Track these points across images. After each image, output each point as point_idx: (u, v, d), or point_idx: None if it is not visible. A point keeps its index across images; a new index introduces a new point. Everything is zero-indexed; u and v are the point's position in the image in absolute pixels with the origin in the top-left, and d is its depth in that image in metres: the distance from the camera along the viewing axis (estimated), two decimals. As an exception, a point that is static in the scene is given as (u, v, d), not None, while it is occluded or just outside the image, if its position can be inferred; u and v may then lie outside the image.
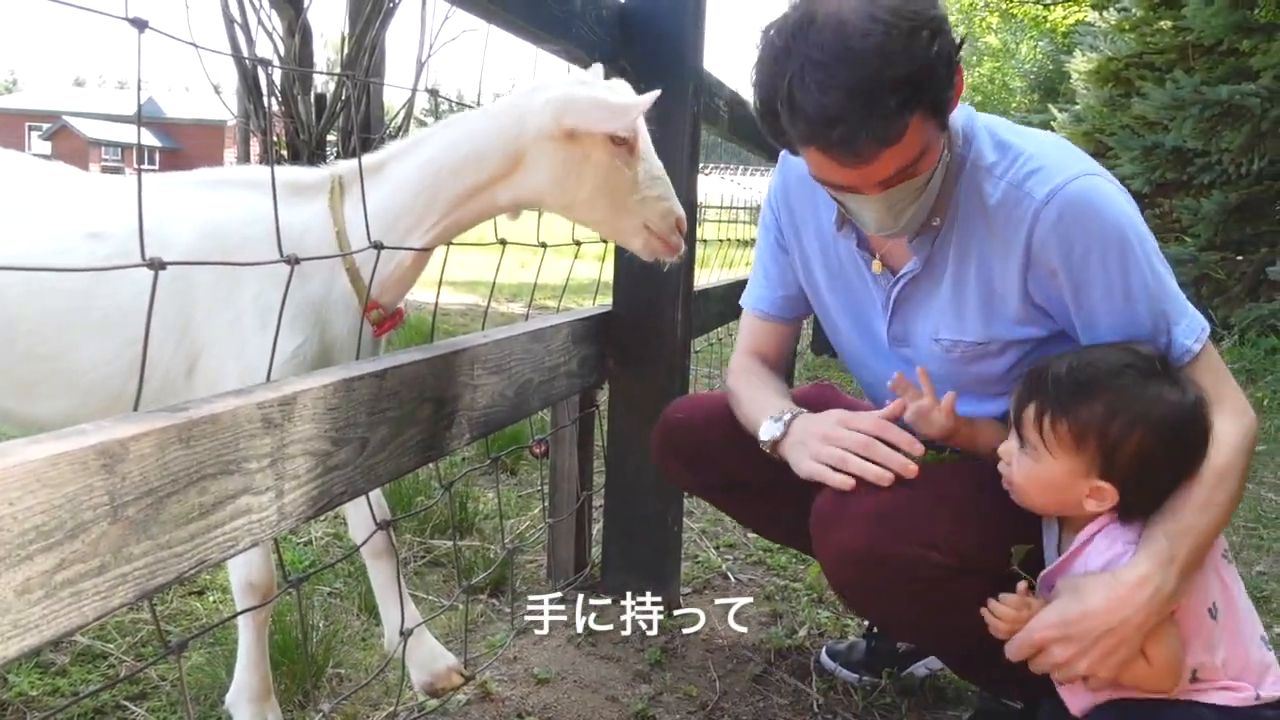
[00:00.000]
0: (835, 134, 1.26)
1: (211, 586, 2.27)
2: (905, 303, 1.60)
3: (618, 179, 1.56)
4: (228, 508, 1.03)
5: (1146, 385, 1.27)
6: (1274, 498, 3.54)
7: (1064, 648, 1.27)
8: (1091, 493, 1.30)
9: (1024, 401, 1.33)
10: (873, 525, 1.44)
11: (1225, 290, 7.09)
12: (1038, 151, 1.45)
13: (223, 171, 1.73)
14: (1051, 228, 1.39)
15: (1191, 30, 7.52)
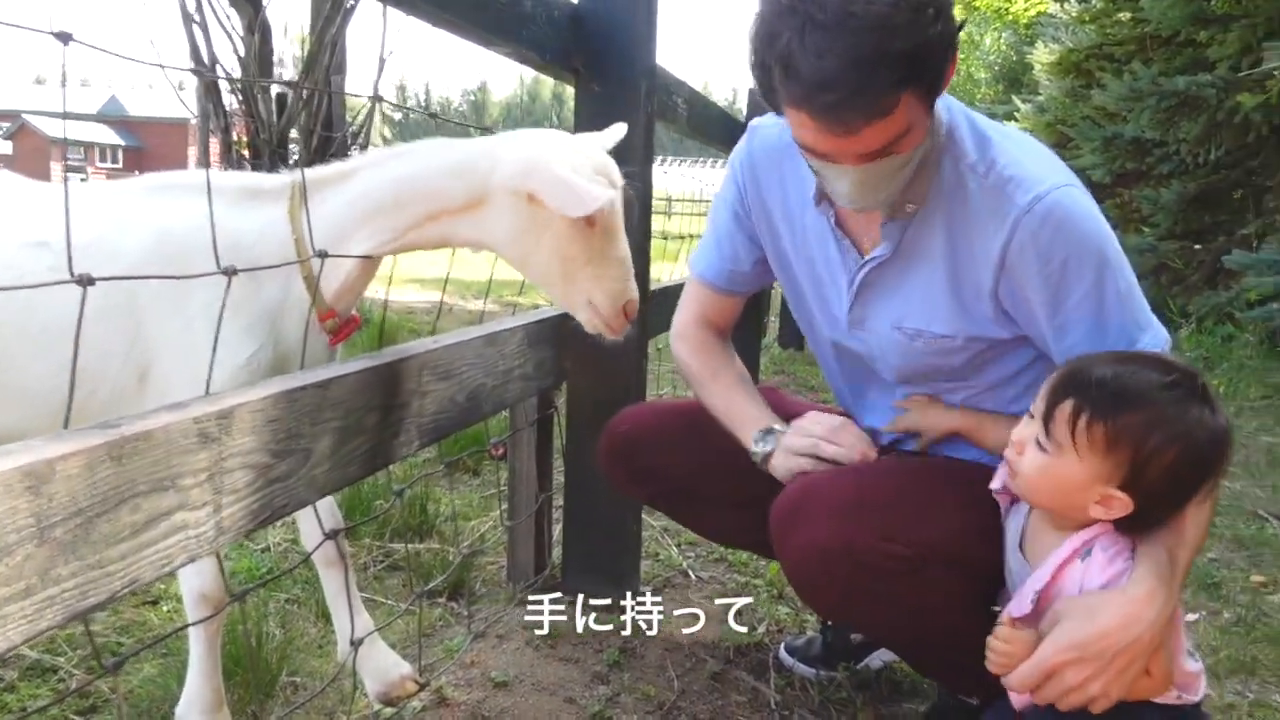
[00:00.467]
0: (825, 100, 1.25)
1: (166, 596, 2.25)
2: (870, 287, 1.59)
3: (574, 251, 1.53)
4: (161, 525, 1.02)
5: (1189, 406, 1.25)
6: (1227, 485, 3.59)
7: (1079, 670, 1.23)
8: (1103, 500, 1.28)
9: (1060, 397, 1.29)
10: (834, 520, 1.45)
11: (1183, 279, 7.17)
12: (1018, 156, 1.46)
13: (176, 176, 1.71)
14: (1031, 237, 1.40)
15: (1149, 21, 7.59)
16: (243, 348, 1.53)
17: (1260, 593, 2.62)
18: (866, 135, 1.29)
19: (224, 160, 6.50)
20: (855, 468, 1.57)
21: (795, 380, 5.21)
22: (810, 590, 1.56)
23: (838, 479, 1.52)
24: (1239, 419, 4.69)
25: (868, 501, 1.47)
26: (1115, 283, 1.42)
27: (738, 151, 1.76)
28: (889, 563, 1.44)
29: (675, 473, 1.76)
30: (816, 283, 1.69)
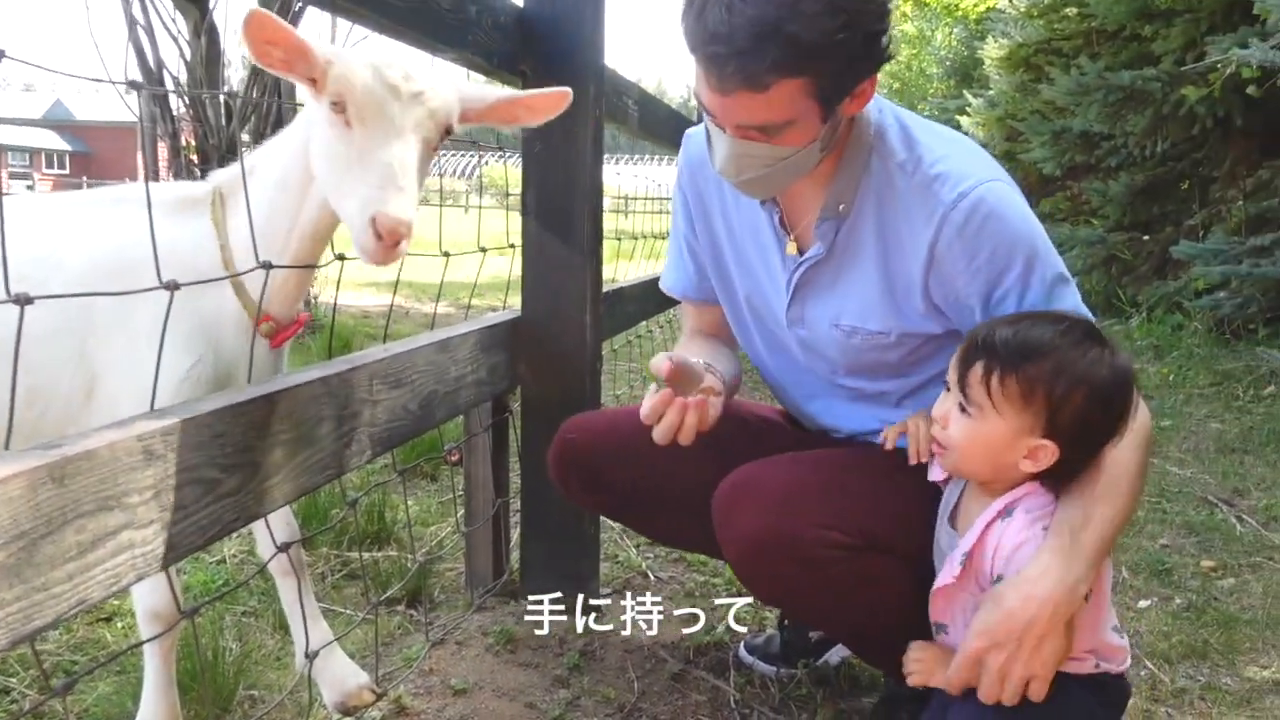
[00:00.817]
0: (711, 50, 1.30)
1: (120, 613, 2.23)
2: (806, 286, 1.63)
3: (334, 150, 1.37)
4: (108, 544, 1.02)
5: (1088, 348, 1.32)
6: (1178, 472, 3.66)
7: (997, 655, 1.29)
8: (1030, 453, 1.33)
9: (970, 362, 1.34)
10: (773, 509, 1.47)
11: (1133, 269, 7.28)
12: (945, 153, 1.49)
13: (118, 190, 1.69)
14: (958, 231, 1.44)
15: (1095, 16, 7.71)
16: (182, 361, 1.51)
17: (1210, 578, 2.67)
18: (739, 103, 1.34)
19: (172, 165, 6.41)
20: (795, 457, 1.60)
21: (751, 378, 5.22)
22: (753, 579, 1.57)
23: (777, 468, 1.54)
24: (1189, 406, 4.78)
25: (806, 490, 1.49)
26: (1042, 272, 1.46)
27: (678, 162, 1.80)
28: (828, 550, 1.46)
29: (627, 479, 1.77)
30: (755, 282, 1.72)
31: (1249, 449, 4.00)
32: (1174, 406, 4.76)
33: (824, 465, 1.57)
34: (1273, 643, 2.27)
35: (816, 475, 1.52)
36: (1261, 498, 3.36)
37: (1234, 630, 2.32)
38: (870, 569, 1.48)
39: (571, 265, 2.25)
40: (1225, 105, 6.08)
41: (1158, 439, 4.15)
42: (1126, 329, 6.70)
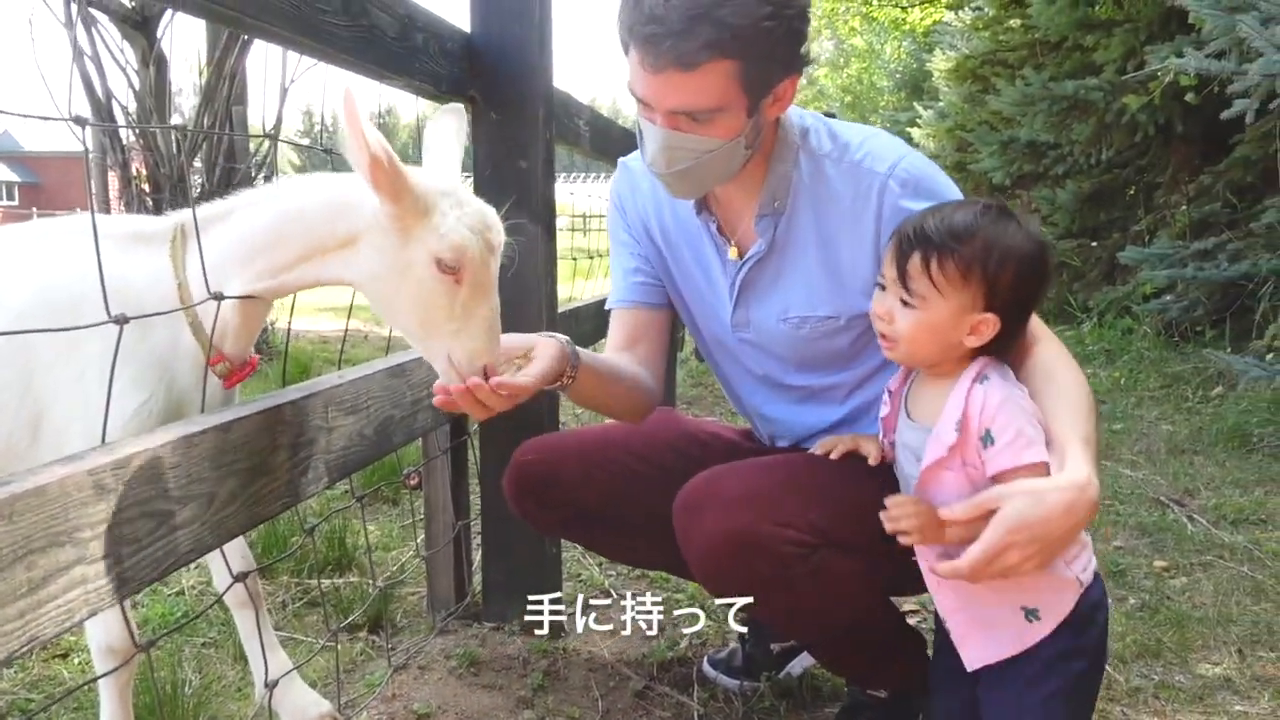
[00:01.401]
0: (647, 30, 1.37)
1: (76, 649, 2.20)
2: (750, 287, 1.67)
3: (437, 302, 1.44)
4: (60, 580, 1.01)
5: (1006, 224, 1.41)
6: (1130, 474, 3.72)
7: (1022, 551, 1.27)
8: (974, 328, 1.40)
9: (906, 254, 1.41)
10: (733, 509, 1.49)
11: (1083, 275, 7.41)
12: (865, 138, 1.62)
13: (70, 221, 1.68)
14: (896, 198, 1.55)
15: (1039, 28, 7.86)
16: (131, 398, 1.50)
17: (1163, 577, 2.72)
18: (673, 83, 1.40)
19: (123, 196, 6.35)
20: (754, 461, 1.63)
21: (713, 393, 5.26)
22: (715, 580, 1.58)
23: (736, 471, 1.57)
24: (1139, 409, 4.87)
25: (765, 490, 1.52)
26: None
27: (613, 184, 1.84)
28: (788, 548, 1.48)
29: (585, 501, 1.77)
30: (699, 292, 1.76)
31: (1198, 449, 4.08)
32: (1125, 409, 4.84)
33: (782, 467, 1.60)
34: (1224, 639, 2.31)
35: (775, 476, 1.56)
36: (1211, 497, 3.43)
37: (1186, 628, 2.36)
38: (830, 566, 1.51)
39: (526, 286, 2.26)
40: (1166, 113, 6.22)
41: (1110, 442, 4.23)
42: (1078, 334, 6.81)
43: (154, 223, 1.60)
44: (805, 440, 1.77)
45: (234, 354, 1.60)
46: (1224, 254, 5.58)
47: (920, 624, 2.37)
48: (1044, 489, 1.29)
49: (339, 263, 1.50)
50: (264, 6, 1.44)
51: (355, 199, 1.47)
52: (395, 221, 1.41)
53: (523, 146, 2.24)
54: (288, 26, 1.50)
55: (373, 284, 1.48)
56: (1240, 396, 4.66)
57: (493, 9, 2.21)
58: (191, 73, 7.20)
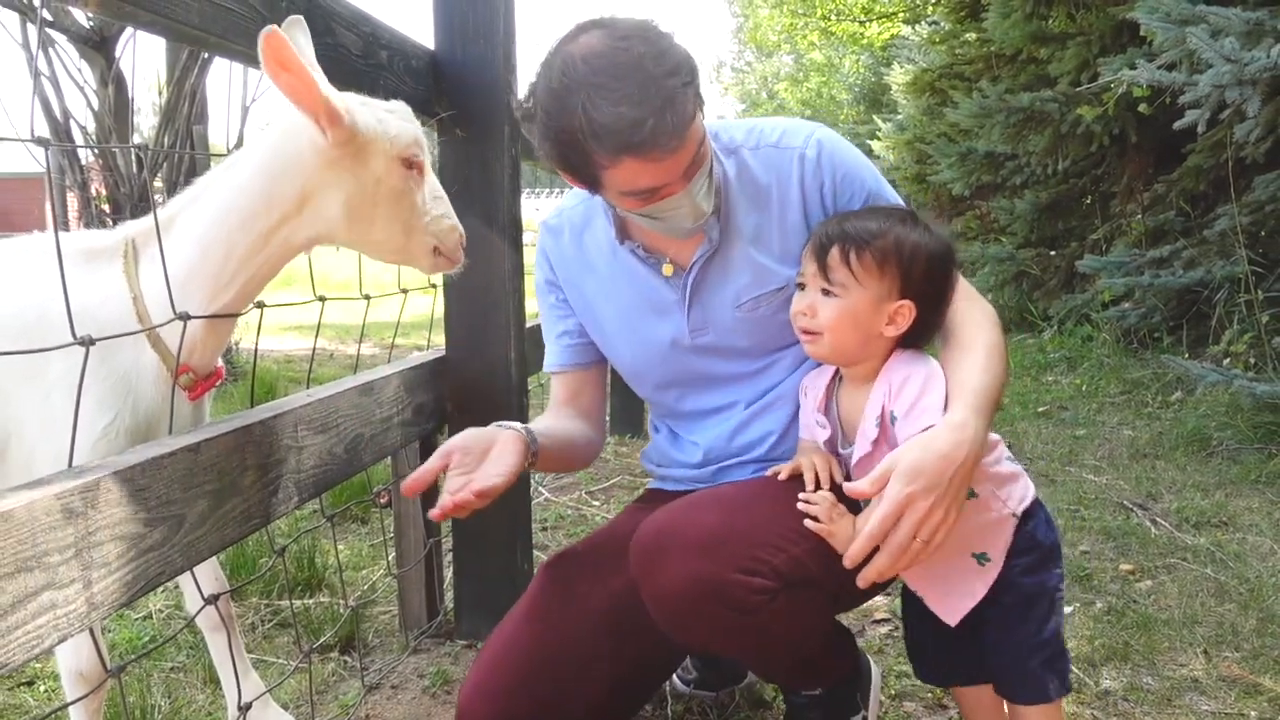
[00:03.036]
0: (642, 135, 1.36)
1: (42, 675, 2.17)
2: (700, 288, 1.69)
3: (409, 201, 1.56)
4: (29, 606, 1.00)
5: (913, 224, 1.54)
6: (1094, 479, 3.77)
7: (924, 499, 1.34)
8: (892, 316, 1.50)
9: (825, 249, 1.52)
10: (694, 559, 1.45)
11: (1043, 284, 7.50)
12: (774, 123, 1.72)
13: (21, 241, 1.66)
14: (815, 165, 1.65)
15: (994, 41, 7.97)
16: (98, 418, 1.48)
17: (1129, 580, 2.76)
18: (684, 148, 1.43)
19: (83, 216, 6.28)
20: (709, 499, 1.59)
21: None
22: (680, 629, 1.53)
23: (692, 514, 1.53)
24: (1101, 415, 4.93)
25: (725, 535, 1.47)
26: (891, 193, 1.69)
27: (538, 246, 1.85)
28: (754, 596, 1.45)
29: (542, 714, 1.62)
30: (642, 319, 1.75)
31: (1159, 454, 4.14)
32: (1088, 415, 4.91)
33: (740, 505, 1.56)
34: (1190, 641, 2.35)
35: (733, 517, 1.51)
36: (1173, 500, 3.48)
37: (1153, 631, 2.39)
38: (793, 605, 1.49)
39: (494, 301, 2.26)
40: (1120, 123, 6.32)
41: (1073, 448, 4.28)
42: (1040, 342, 6.89)
43: (103, 237, 1.58)
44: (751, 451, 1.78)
45: (200, 364, 1.58)
46: (1179, 261, 5.67)
47: (893, 632, 2.38)
48: (928, 438, 1.39)
49: (302, 226, 1.52)
50: (229, 25, 1.43)
51: (288, 151, 1.49)
52: (346, 148, 1.46)
53: (489, 163, 2.25)
54: (254, 45, 1.50)
55: (348, 219, 1.53)
56: (1199, 401, 4.73)
57: (457, 27, 2.21)
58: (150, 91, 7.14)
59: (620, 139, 1.37)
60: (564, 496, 3.68)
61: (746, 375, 1.75)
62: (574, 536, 3.19)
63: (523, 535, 2.39)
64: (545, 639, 1.60)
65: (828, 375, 1.62)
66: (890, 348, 1.54)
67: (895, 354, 1.53)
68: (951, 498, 1.37)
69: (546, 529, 3.28)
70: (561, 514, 3.45)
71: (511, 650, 1.60)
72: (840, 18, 17.87)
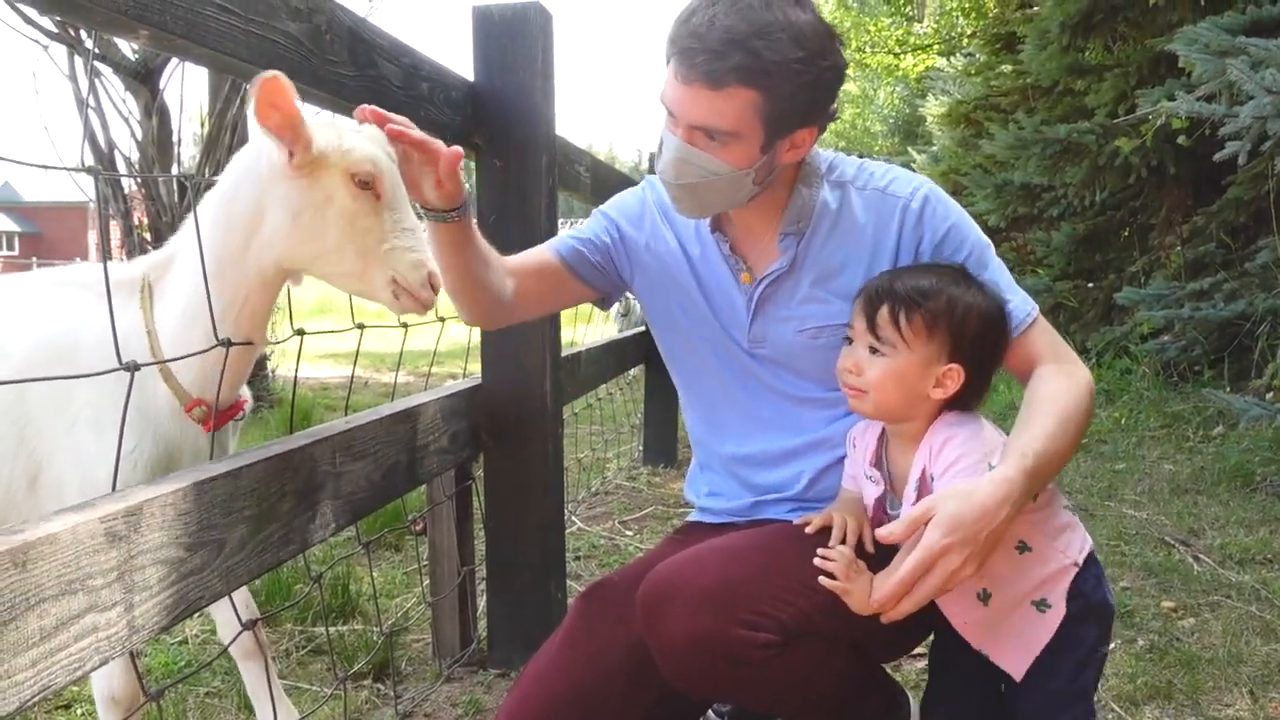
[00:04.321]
0: (686, 44, 1.45)
1: (79, 699, 2.18)
2: (767, 302, 1.69)
3: (364, 225, 1.48)
4: (72, 628, 1.01)
5: (967, 287, 1.52)
6: (1134, 514, 3.71)
7: (959, 551, 1.32)
8: (940, 379, 1.48)
9: (875, 307, 1.50)
10: (698, 610, 1.43)
11: (1080, 317, 7.43)
12: (886, 169, 1.71)
13: (59, 272, 1.69)
14: (917, 218, 1.63)
15: (1030, 73, 7.95)
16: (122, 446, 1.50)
17: (1171, 618, 2.71)
18: (697, 98, 1.47)
19: (125, 245, 6.38)
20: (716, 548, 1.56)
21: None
22: (684, 681, 1.51)
23: (698, 565, 1.50)
24: (1141, 449, 4.86)
25: (730, 587, 1.45)
26: (987, 250, 1.65)
27: (633, 194, 1.85)
28: (757, 651, 1.43)
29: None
30: (711, 308, 1.75)
31: (1201, 489, 4.08)
32: (1127, 449, 4.84)
33: (745, 556, 1.53)
34: (1235, 680, 2.30)
35: (738, 568, 1.49)
36: (1216, 537, 3.42)
37: (1196, 670, 2.35)
38: (802, 657, 1.46)
39: (530, 331, 2.27)
40: (1158, 155, 6.27)
41: (1113, 482, 4.22)
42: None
43: (123, 270, 1.62)
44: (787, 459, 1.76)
45: (221, 399, 1.60)
46: (1220, 294, 5.60)
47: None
48: (970, 488, 1.36)
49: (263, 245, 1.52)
50: (274, 57, 1.46)
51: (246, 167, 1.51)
52: (301, 167, 1.45)
53: (526, 193, 2.26)
54: (297, 76, 1.52)
55: (301, 237, 1.50)
56: (1241, 436, 4.66)
57: (496, 59, 2.24)
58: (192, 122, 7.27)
59: (679, 31, 1.47)
60: (597, 526, 3.67)
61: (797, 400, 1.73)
62: (607, 566, 3.18)
63: (556, 564, 2.39)
64: (581, 671, 1.59)
65: (877, 429, 1.59)
66: (937, 409, 1.51)
67: (942, 415, 1.50)
68: (981, 554, 1.34)
69: (580, 558, 3.27)
70: (595, 543, 3.44)
71: (546, 681, 1.60)
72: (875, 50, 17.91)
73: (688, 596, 1.45)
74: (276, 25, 1.45)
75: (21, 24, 5.74)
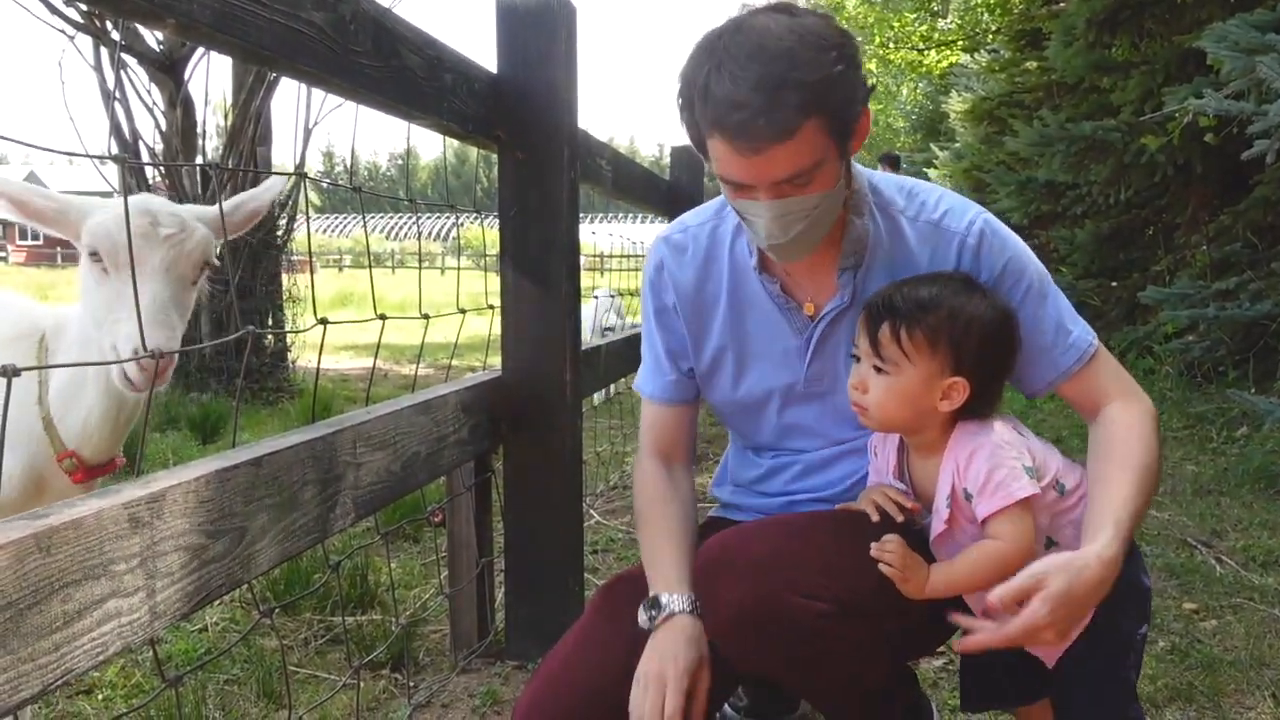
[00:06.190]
0: (737, 119, 1.35)
1: (100, 685, 2.20)
2: (826, 340, 1.65)
3: (92, 291, 1.57)
4: (94, 613, 1.02)
5: (970, 295, 1.48)
6: (1157, 515, 3.68)
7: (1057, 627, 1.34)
8: (946, 392, 1.46)
9: (876, 325, 1.48)
10: (755, 577, 1.46)
11: (1103, 315, 7.38)
12: (938, 197, 1.64)
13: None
14: (974, 253, 1.57)
15: (1055, 70, 7.90)
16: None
17: (1193, 620, 2.69)
18: (775, 157, 1.39)
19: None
20: (771, 524, 1.59)
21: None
22: (737, 650, 1.52)
23: (753, 537, 1.53)
24: (1164, 449, 4.80)
25: (785, 558, 1.48)
26: (1047, 281, 1.60)
27: (652, 264, 1.77)
28: (813, 621, 1.44)
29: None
30: (758, 353, 1.70)
31: (1224, 490, 4.04)
32: (1149, 450, 4.80)
33: (799, 531, 1.55)
34: (1256, 683, 2.28)
35: (793, 542, 1.51)
36: (1239, 539, 3.39)
37: (1218, 672, 2.33)
38: (851, 633, 1.48)
39: (551, 324, 2.27)
40: (1184, 153, 6.22)
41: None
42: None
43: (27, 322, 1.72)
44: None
45: (89, 454, 1.67)
46: (1245, 294, 5.55)
47: (947, 666, 2.34)
48: (1080, 566, 1.36)
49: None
50: (299, 47, 1.46)
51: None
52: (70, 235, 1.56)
53: (548, 185, 2.26)
54: (322, 67, 1.53)
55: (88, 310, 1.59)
56: (1265, 437, 4.61)
57: (519, 51, 2.24)
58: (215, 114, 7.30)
59: (716, 111, 1.37)
60: (615, 520, 3.67)
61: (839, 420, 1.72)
62: (625, 560, 3.18)
63: (574, 558, 2.39)
64: (600, 665, 1.59)
65: (895, 439, 1.58)
66: (951, 419, 1.49)
67: (959, 426, 1.49)
68: (1074, 624, 1.39)
69: (597, 552, 3.27)
70: (613, 537, 3.45)
71: (566, 675, 1.60)
72: (898, 45, 17.82)
73: (745, 564, 1.47)
74: (301, 15, 1.46)
75: (47, 14, 5.78)
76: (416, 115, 1.91)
